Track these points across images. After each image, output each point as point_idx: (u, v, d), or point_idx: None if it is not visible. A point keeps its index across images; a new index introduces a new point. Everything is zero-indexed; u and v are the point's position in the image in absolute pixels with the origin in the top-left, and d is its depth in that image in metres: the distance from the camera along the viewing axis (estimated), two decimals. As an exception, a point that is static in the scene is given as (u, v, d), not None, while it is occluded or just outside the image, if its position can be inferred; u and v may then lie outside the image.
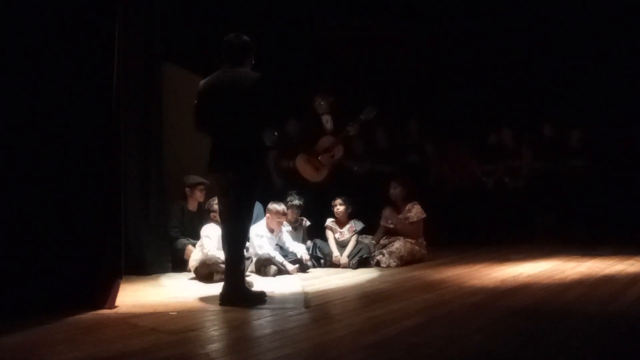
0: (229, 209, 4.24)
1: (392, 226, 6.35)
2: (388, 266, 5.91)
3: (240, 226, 4.25)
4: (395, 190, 6.36)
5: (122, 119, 4.20)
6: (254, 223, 5.86)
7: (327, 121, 6.89)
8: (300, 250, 5.77)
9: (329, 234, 6.19)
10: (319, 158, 6.72)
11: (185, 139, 6.03)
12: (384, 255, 6.01)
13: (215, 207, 5.17)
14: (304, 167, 6.80)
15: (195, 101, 4.33)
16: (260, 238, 5.60)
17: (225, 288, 4.17)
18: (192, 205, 6.06)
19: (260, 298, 4.21)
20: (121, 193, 4.18)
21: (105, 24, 4.09)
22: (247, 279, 4.83)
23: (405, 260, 6.05)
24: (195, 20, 6.59)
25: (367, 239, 6.34)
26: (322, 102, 6.90)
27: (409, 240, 6.18)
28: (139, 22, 5.50)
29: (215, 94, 4.21)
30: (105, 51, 4.07)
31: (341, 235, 6.18)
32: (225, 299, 4.12)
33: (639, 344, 3.11)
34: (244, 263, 4.33)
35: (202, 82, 4.35)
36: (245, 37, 4.32)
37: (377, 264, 6.00)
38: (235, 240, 4.22)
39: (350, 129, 6.68)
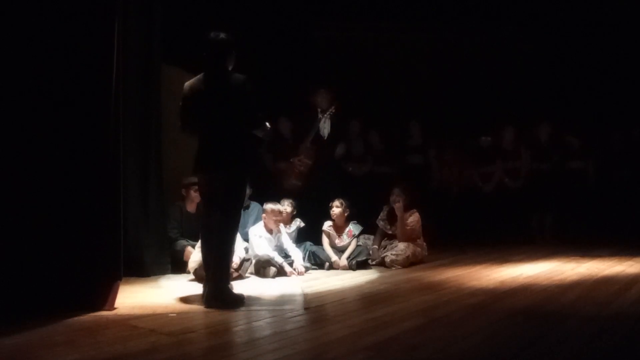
0: (218, 211, 4.22)
1: (390, 232, 6.35)
2: (393, 266, 5.91)
3: (229, 229, 4.23)
4: (397, 199, 6.28)
5: (121, 120, 4.19)
6: (254, 224, 5.88)
7: (325, 120, 6.88)
8: (298, 258, 5.71)
9: (324, 239, 6.17)
10: (292, 161, 6.79)
11: (184, 140, 6.02)
12: (388, 256, 6.01)
13: None
14: (286, 172, 6.86)
15: (181, 103, 4.34)
16: (259, 238, 5.60)
17: (210, 290, 4.14)
18: (191, 207, 6.05)
19: (240, 300, 4.21)
20: (120, 194, 4.17)
21: (105, 25, 4.09)
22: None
23: (410, 262, 6.05)
24: (194, 22, 6.59)
25: (369, 240, 6.34)
26: (323, 100, 6.90)
27: (410, 243, 6.18)
28: (138, 24, 5.49)
29: (203, 97, 4.22)
30: (105, 53, 4.07)
31: (340, 240, 6.17)
32: (210, 301, 4.09)
33: (638, 345, 3.11)
34: (229, 265, 4.34)
35: (187, 83, 4.36)
36: (223, 35, 4.29)
37: (382, 263, 5.99)
38: (223, 243, 4.20)
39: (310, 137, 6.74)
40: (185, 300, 4.36)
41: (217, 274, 4.16)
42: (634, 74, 8.64)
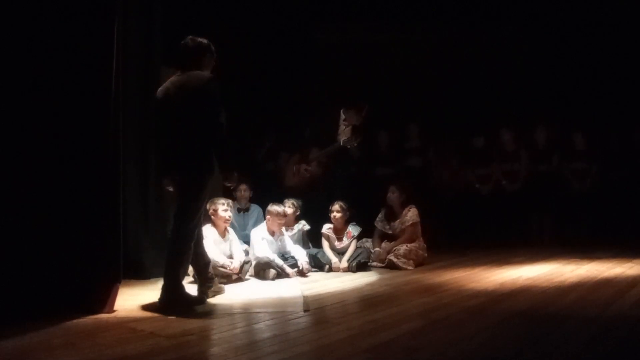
0: (177, 211, 4.19)
1: (390, 232, 6.36)
2: (401, 265, 5.91)
3: (184, 230, 4.13)
4: (393, 195, 6.36)
5: (121, 123, 4.19)
6: (254, 226, 5.88)
7: (347, 126, 6.95)
8: (302, 257, 5.71)
9: (324, 242, 6.17)
10: (300, 166, 6.86)
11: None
12: (398, 258, 5.99)
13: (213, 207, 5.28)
14: (288, 168, 6.95)
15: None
16: (261, 241, 5.59)
17: (161, 293, 4.11)
18: (191, 209, 6.03)
19: (198, 301, 4.20)
20: (120, 196, 4.17)
21: (105, 26, 4.09)
22: (221, 284, 4.78)
23: (417, 262, 6.08)
24: (194, 23, 6.59)
25: (368, 242, 6.34)
26: (354, 115, 6.99)
27: (412, 244, 6.17)
28: (139, 25, 5.50)
29: (166, 98, 4.21)
30: (104, 53, 4.07)
31: (340, 242, 6.16)
32: (162, 304, 4.06)
33: (638, 346, 3.10)
34: (183, 266, 4.21)
35: (161, 87, 4.36)
36: (200, 40, 4.28)
37: (392, 266, 5.96)
38: (176, 243, 4.15)
39: (329, 149, 6.79)
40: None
41: (167, 275, 4.11)
42: (634, 74, 8.63)
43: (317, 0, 8.78)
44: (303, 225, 6.16)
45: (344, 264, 5.89)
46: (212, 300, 4.36)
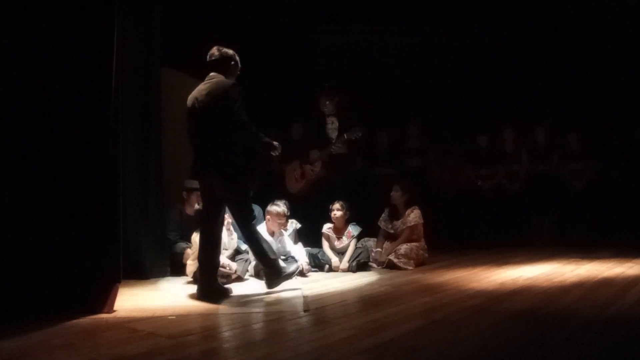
0: (236, 218, 4.63)
1: (392, 231, 6.36)
2: (401, 266, 5.91)
3: (248, 229, 4.57)
4: (396, 194, 6.37)
5: (121, 123, 4.19)
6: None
7: (333, 122, 6.92)
8: (302, 257, 5.70)
9: (324, 241, 6.16)
10: (304, 168, 6.82)
11: (183, 143, 6.02)
12: (399, 258, 5.99)
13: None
14: (289, 174, 6.90)
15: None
16: (260, 241, 5.58)
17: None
18: (190, 210, 6.04)
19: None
20: (120, 197, 4.17)
21: (104, 28, 4.09)
22: (227, 285, 4.88)
23: (418, 262, 6.08)
24: (194, 24, 6.60)
25: (370, 241, 6.34)
26: (327, 103, 6.93)
27: (413, 243, 6.18)
28: (138, 27, 5.49)
29: (193, 106, 4.46)
30: (104, 56, 4.07)
31: (340, 242, 6.16)
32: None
33: (638, 346, 3.10)
34: (268, 250, 4.66)
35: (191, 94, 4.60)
36: (224, 50, 4.56)
37: (392, 266, 5.97)
38: (253, 243, 4.62)
39: (334, 147, 6.75)
40: (184, 302, 4.36)
41: (266, 263, 4.64)
42: (634, 74, 8.63)
43: (316, 1, 8.78)
44: (295, 224, 6.15)
45: (344, 264, 5.89)
46: (212, 300, 4.36)
